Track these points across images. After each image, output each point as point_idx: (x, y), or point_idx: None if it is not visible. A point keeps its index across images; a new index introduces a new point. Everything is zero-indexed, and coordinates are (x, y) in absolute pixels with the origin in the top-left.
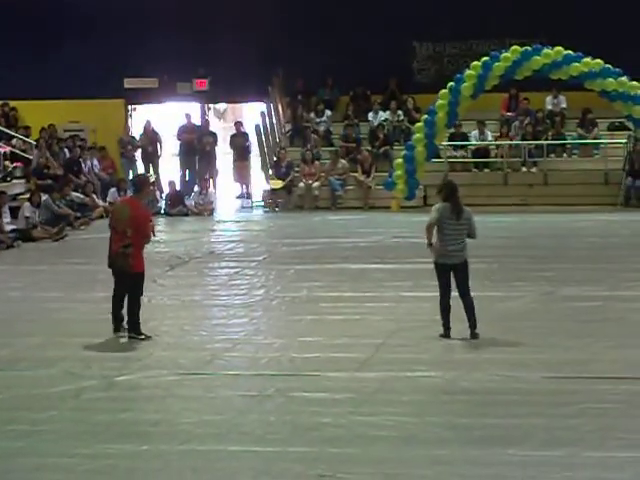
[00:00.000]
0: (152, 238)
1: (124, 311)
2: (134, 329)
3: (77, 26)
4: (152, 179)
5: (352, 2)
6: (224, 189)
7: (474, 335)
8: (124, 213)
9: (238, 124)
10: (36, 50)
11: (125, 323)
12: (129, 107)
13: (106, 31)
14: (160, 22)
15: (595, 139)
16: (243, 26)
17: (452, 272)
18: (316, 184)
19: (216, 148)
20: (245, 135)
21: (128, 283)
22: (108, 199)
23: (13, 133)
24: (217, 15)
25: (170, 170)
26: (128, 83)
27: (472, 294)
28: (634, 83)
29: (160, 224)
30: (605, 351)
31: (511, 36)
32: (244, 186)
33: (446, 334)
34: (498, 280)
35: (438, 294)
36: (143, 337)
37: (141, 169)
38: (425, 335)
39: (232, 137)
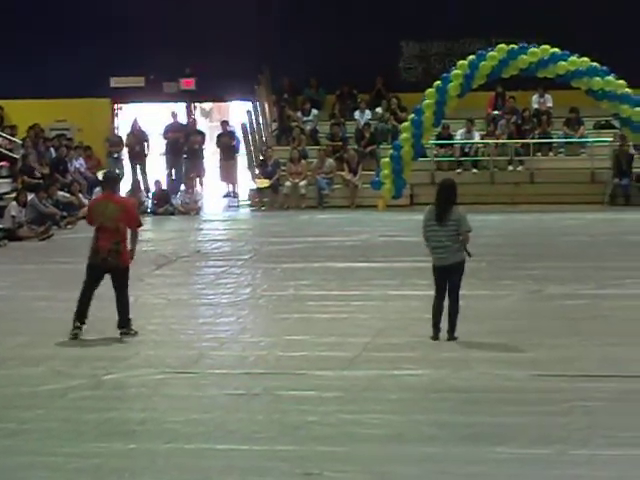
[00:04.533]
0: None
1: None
2: (127, 325)
3: (63, 25)
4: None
5: (338, 1)
6: (211, 188)
7: (450, 338)
8: (111, 210)
9: (224, 123)
10: (22, 49)
11: (119, 321)
12: (115, 106)
13: (92, 30)
14: (146, 21)
15: (581, 138)
16: (229, 25)
17: (446, 273)
18: (303, 183)
19: (203, 147)
20: (232, 134)
21: (119, 278)
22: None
23: None
24: (203, 14)
25: (157, 169)
26: (114, 82)
27: (460, 292)
28: (621, 82)
29: (147, 223)
30: (592, 349)
31: (497, 35)
32: (230, 185)
33: (435, 336)
34: (485, 278)
35: (432, 294)
36: (134, 332)
37: (127, 168)
38: (413, 334)
39: (219, 136)
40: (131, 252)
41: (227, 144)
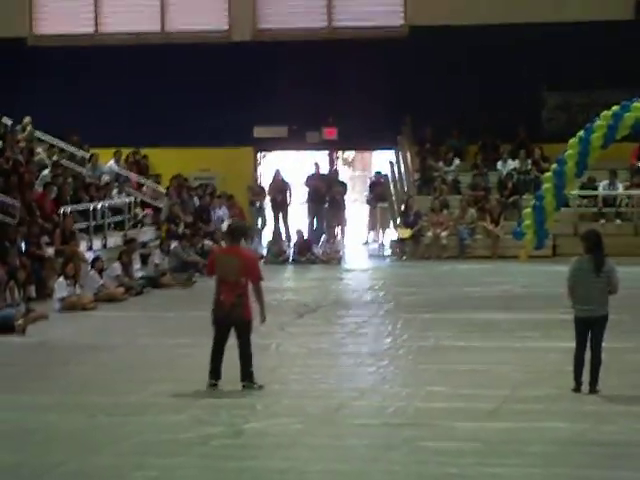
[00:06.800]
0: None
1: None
2: (250, 378)
3: (208, 75)
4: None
5: (481, 51)
6: (353, 237)
7: (592, 391)
8: (233, 263)
9: (378, 175)
10: (168, 98)
11: (242, 374)
12: (258, 155)
13: (237, 80)
14: (290, 71)
15: None
16: (372, 75)
17: (589, 326)
18: (444, 233)
19: (345, 197)
20: (384, 184)
21: (241, 332)
22: None
23: (144, 180)
24: (346, 64)
25: (298, 218)
26: (258, 132)
27: (603, 345)
28: None
29: (288, 272)
30: None
31: None
32: (378, 233)
33: (577, 388)
34: (629, 331)
35: (574, 346)
36: (257, 386)
37: (270, 217)
38: (554, 386)
39: (371, 185)
40: (261, 312)
41: (380, 194)
